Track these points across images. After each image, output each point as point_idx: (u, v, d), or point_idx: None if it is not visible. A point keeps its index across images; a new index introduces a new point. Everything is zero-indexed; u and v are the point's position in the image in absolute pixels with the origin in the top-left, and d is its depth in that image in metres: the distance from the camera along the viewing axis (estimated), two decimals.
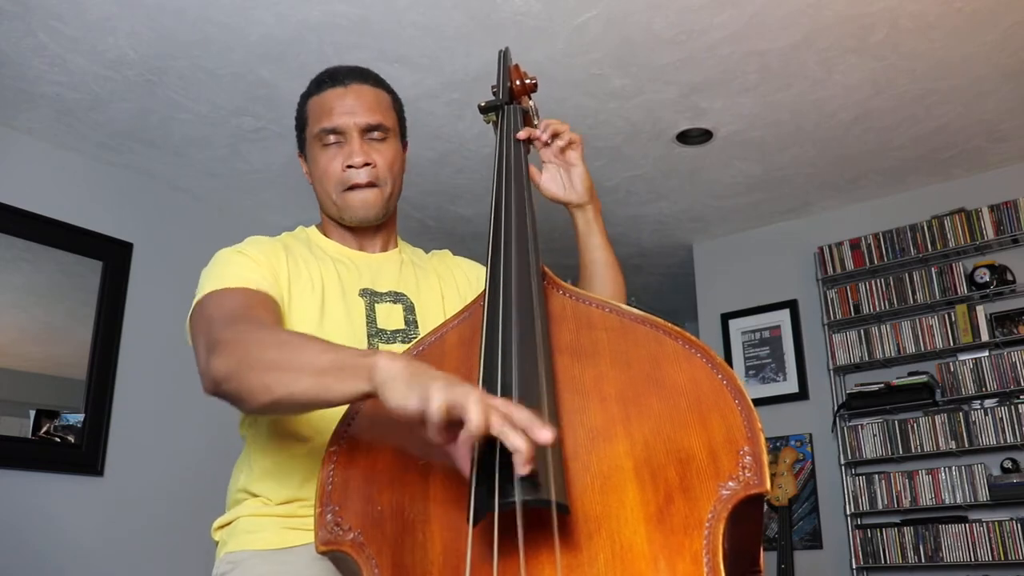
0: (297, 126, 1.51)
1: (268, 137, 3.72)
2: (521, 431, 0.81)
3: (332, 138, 1.42)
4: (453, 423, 0.84)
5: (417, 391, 0.85)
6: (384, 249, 1.52)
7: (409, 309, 1.42)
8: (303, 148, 1.50)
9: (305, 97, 1.50)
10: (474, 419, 0.81)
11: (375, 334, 1.36)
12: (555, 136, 1.44)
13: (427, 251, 1.63)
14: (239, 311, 1.22)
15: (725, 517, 0.84)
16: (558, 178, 1.45)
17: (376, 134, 1.43)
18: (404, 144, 1.54)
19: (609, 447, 0.93)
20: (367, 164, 1.41)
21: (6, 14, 2.84)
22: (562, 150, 1.44)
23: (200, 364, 1.15)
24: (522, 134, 1.42)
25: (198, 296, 1.29)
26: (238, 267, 1.32)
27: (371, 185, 1.42)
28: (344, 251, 1.48)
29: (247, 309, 1.23)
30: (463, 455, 0.87)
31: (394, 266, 1.49)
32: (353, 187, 1.42)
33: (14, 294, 3.51)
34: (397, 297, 1.43)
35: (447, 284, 1.52)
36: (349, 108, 1.42)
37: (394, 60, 3.15)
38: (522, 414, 0.83)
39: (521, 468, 0.80)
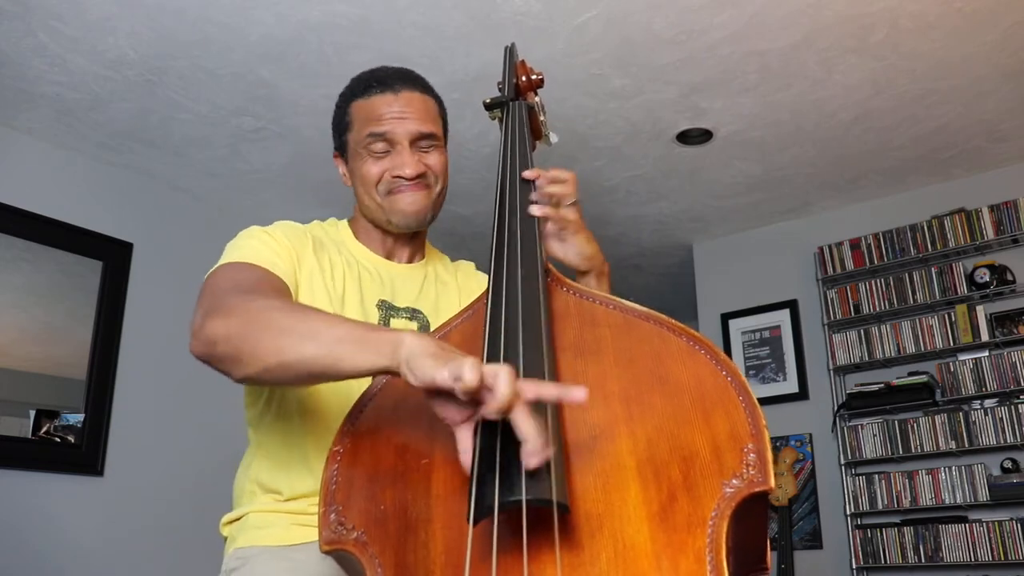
0: (337, 128, 1.46)
1: (268, 137, 3.72)
2: (535, 426, 0.81)
3: (381, 145, 1.38)
4: (475, 401, 0.84)
5: (449, 364, 0.84)
6: (411, 260, 1.49)
7: (424, 328, 1.40)
8: (343, 151, 1.45)
9: (347, 99, 1.44)
10: (503, 389, 0.81)
11: None
12: (553, 191, 1.30)
13: (452, 259, 1.61)
14: (250, 284, 1.19)
15: (729, 515, 0.83)
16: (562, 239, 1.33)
17: (425, 143, 1.40)
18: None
19: (612, 445, 0.92)
20: (418, 176, 1.38)
21: (6, 14, 2.84)
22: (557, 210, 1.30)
23: (194, 323, 1.10)
24: (529, 174, 1.31)
25: (217, 264, 1.27)
26: (261, 245, 1.30)
27: (420, 186, 1.39)
28: (371, 257, 1.45)
29: (258, 283, 1.21)
30: (466, 447, 0.87)
31: (416, 281, 1.46)
32: (401, 189, 1.38)
33: (14, 294, 3.51)
34: (414, 314, 1.41)
35: (467, 300, 1.47)
36: (399, 115, 1.38)
37: (394, 60, 3.12)
38: (550, 388, 0.85)
39: (530, 459, 0.80)
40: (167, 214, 4.08)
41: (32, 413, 3.47)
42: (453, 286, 1.51)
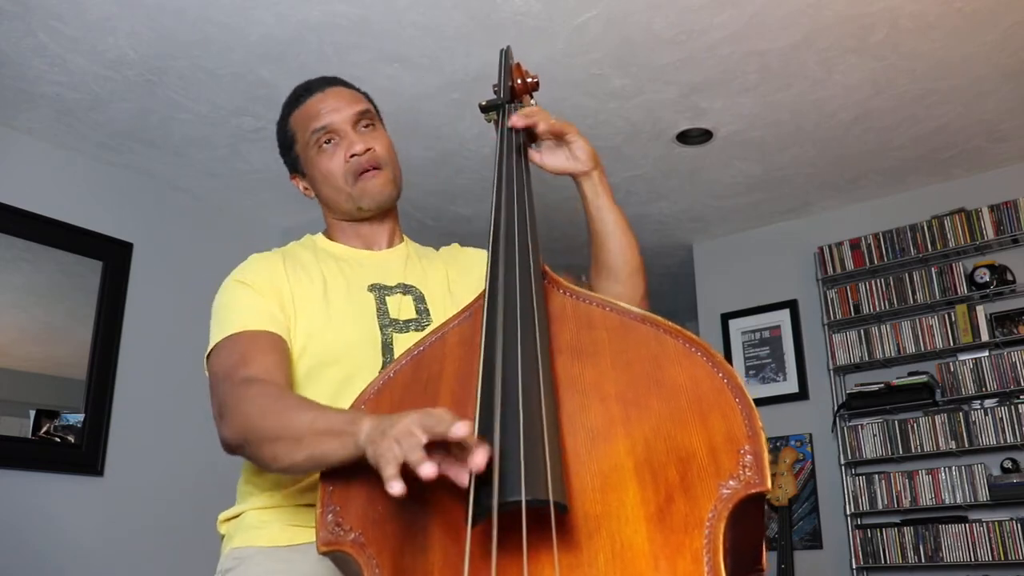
0: (283, 148, 1.54)
1: (268, 137, 3.72)
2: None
3: (327, 137, 1.45)
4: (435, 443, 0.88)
5: (371, 448, 0.92)
6: (390, 245, 1.54)
7: (419, 299, 1.44)
8: (295, 167, 1.53)
9: (285, 117, 1.53)
10: (423, 471, 0.85)
11: (389, 324, 1.38)
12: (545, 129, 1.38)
13: (436, 248, 1.65)
14: (240, 366, 1.25)
15: (726, 516, 0.84)
16: (559, 152, 1.40)
17: (365, 122, 1.48)
18: None
19: (609, 446, 0.92)
20: (368, 149, 1.44)
21: (6, 14, 2.84)
22: (556, 134, 1.38)
23: (216, 425, 1.23)
24: (518, 121, 1.34)
25: (209, 344, 1.33)
26: (241, 305, 1.35)
27: (378, 168, 1.46)
28: (349, 251, 1.50)
29: (248, 362, 1.26)
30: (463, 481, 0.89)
31: (399, 260, 1.51)
32: (365, 172, 1.45)
33: (14, 294, 3.51)
34: (407, 289, 1.45)
35: (454, 269, 1.54)
36: (333, 106, 1.47)
37: (394, 60, 3.15)
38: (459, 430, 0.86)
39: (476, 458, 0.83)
40: (167, 214, 4.09)
41: (32, 413, 3.47)
42: (438, 260, 1.56)
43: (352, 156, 1.44)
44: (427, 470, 0.83)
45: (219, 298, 1.40)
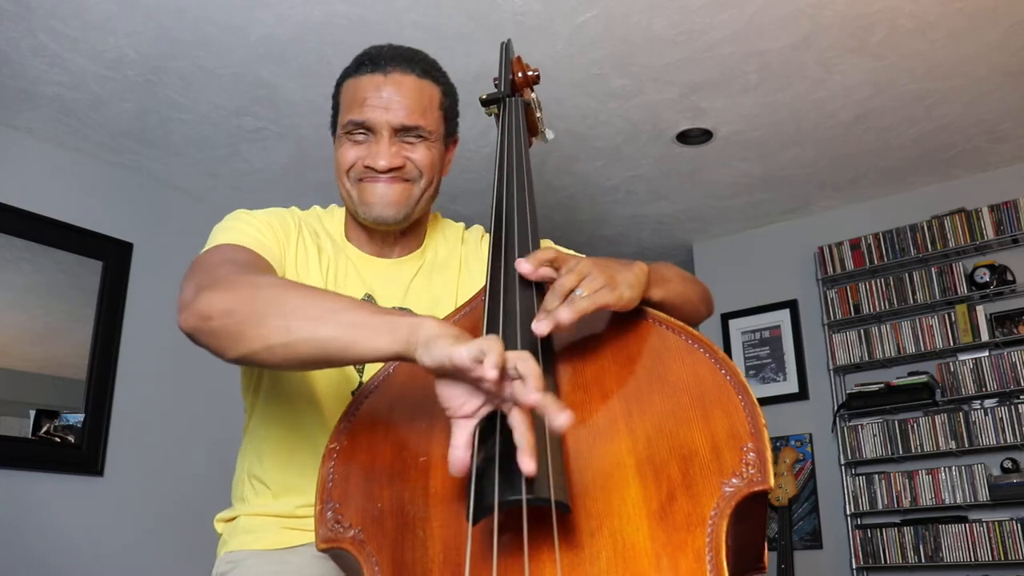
0: (332, 106, 1.36)
1: (268, 137, 3.72)
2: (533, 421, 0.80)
3: (360, 133, 1.27)
4: (484, 392, 0.83)
5: (471, 344, 0.81)
6: (404, 254, 1.38)
7: None
8: (335, 133, 1.34)
9: (342, 77, 1.32)
10: (528, 371, 0.79)
11: None
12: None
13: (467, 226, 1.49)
14: (247, 263, 1.14)
15: (728, 514, 0.83)
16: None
17: (410, 136, 1.27)
18: (453, 141, 1.39)
19: (611, 444, 0.92)
20: (392, 169, 1.26)
21: (6, 14, 2.84)
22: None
23: (184, 296, 1.04)
24: (529, 272, 1.07)
25: (206, 246, 1.21)
26: (250, 228, 1.24)
27: (397, 179, 1.26)
28: (354, 251, 1.36)
29: (254, 266, 1.15)
30: (459, 443, 0.84)
31: (406, 276, 1.36)
32: (370, 179, 1.27)
33: (14, 294, 3.50)
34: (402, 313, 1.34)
35: (466, 269, 1.39)
36: (384, 102, 1.25)
37: None
38: (549, 400, 0.81)
39: (526, 462, 0.79)
40: (167, 214, 4.08)
41: (32, 413, 3.47)
42: (452, 271, 1.39)
43: (367, 167, 1.26)
44: (492, 373, 0.77)
45: (226, 220, 1.27)
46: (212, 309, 0.99)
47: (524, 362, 0.81)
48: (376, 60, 1.27)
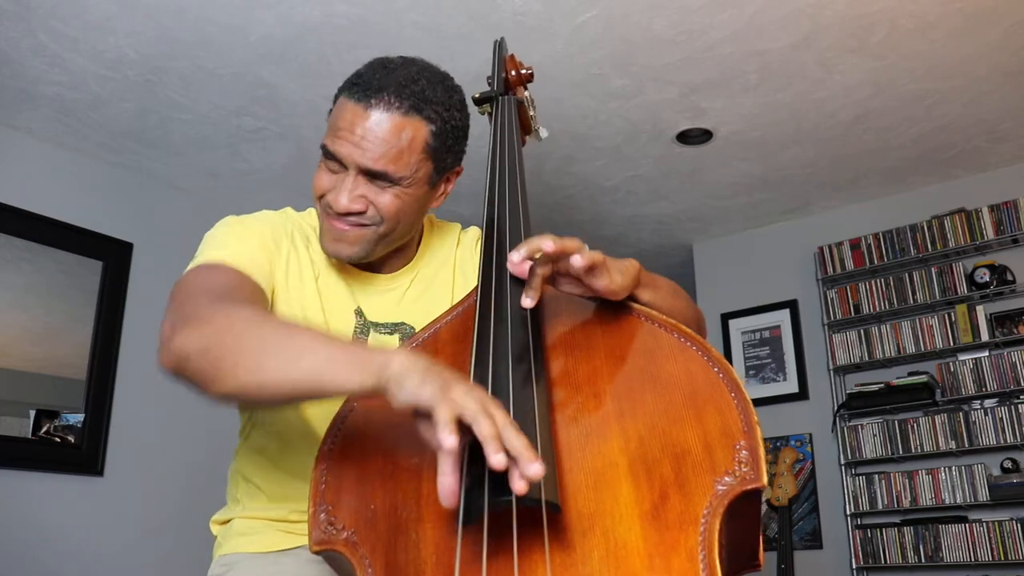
0: (330, 111, 1.29)
1: (268, 137, 3.72)
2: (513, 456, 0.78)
3: (333, 162, 1.21)
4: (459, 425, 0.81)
5: (430, 390, 0.81)
6: (396, 269, 1.35)
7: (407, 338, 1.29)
8: None
9: (340, 89, 1.25)
10: (484, 432, 0.78)
11: None
12: (561, 256, 1.01)
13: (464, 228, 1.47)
14: (226, 289, 1.11)
15: (721, 513, 0.83)
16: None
17: (379, 181, 1.19)
18: (454, 173, 1.30)
19: (603, 443, 0.92)
20: (350, 213, 1.19)
21: (6, 14, 2.84)
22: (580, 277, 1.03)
23: (163, 333, 1.02)
24: (518, 257, 1.02)
25: (192, 262, 1.19)
26: (239, 242, 1.21)
27: (355, 223, 1.20)
28: (349, 268, 1.32)
29: (235, 290, 1.12)
30: (446, 470, 0.81)
31: (399, 290, 1.33)
32: (330, 218, 1.21)
33: (14, 294, 3.51)
34: (396, 328, 1.31)
35: (461, 273, 1.38)
36: (356, 140, 1.17)
37: None
38: (519, 442, 0.78)
39: (517, 484, 0.78)
40: (167, 214, 4.08)
41: (32, 413, 3.47)
42: (446, 278, 1.37)
43: (324, 201, 1.21)
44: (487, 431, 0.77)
45: (215, 230, 1.25)
46: (187, 349, 0.98)
47: (476, 419, 0.78)
48: (366, 86, 1.18)
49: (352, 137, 1.17)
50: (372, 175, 1.18)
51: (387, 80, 1.19)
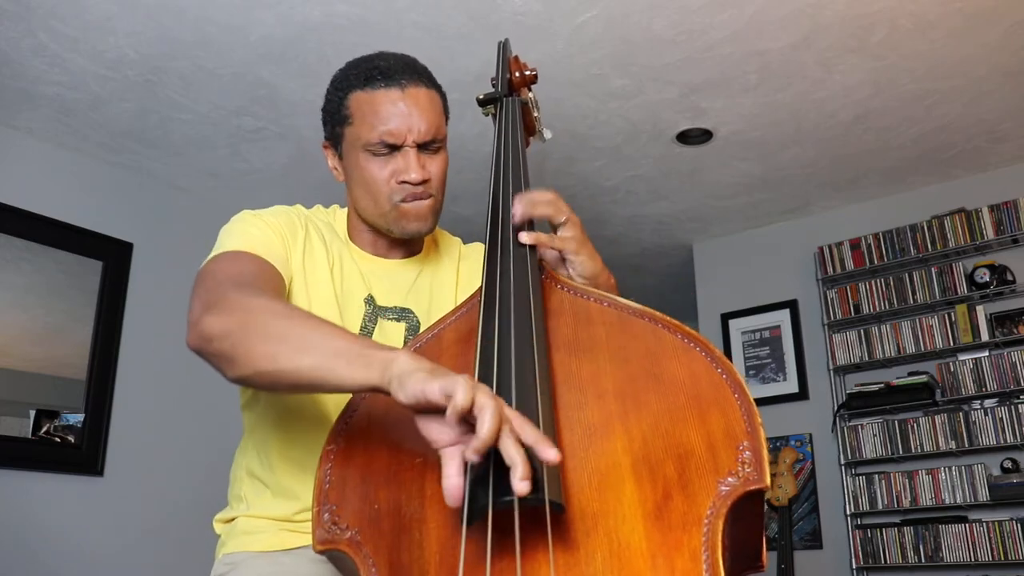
0: (332, 118, 1.34)
1: (268, 137, 3.72)
2: (524, 447, 0.79)
3: (386, 149, 1.28)
4: (464, 422, 0.82)
5: (441, 382, 0.82)
6: (407, 256, 1.42)
7: (413, 328, 1.35)
8: (337, 143, 1.35)
9: (345, 88, 1.31)
10: (487, 426, 0.78)
11: None
12: (541, 213, 1.21)
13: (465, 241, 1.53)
14: (250, 277, 1.17)
15: (724, 513, 0.83)
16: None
17: (435, 145, 1.31)
18: None
19: (607, 443, 0.92)
20: (425, 181, 1.29)
21: (6, 14, 2.84)
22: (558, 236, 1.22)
23: (192, 315, 1.09)
24: (526, 238, 1.18)
25: (213, 252, 1.24)
26: (257, 232, 1.27)
27: (425, 196, 1.31)
28: (358, 252, 1.39)
29: (257, 278, 1.18)
30: (450, 472, 0.83)
31: (407, 279, 1.39)
32: (411, 199, 1.30)
33: (14, 294, 3.51)
34: (402, 314, 1.36)
35: (465, 282, 1.44)
36: (405, 117, 1.27)
37: None
38: (532, 431, 0.81)
39: (519, 485, 0.78)
40: (167, 214, 4.09)
41: (32, 413, 3.47)
42: (450, 280, 1.44)
43: (402, 182, 1.28)
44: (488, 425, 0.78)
45: (232, 223, 1.31)
46: (212, 332, 1.04)
47: (484, 410, 0.79)
48: (389, 74, 1.29)
49: (402, 116, 1.27)
50: (424, 145, 1.29)
51: (398, 63, 1.32)
